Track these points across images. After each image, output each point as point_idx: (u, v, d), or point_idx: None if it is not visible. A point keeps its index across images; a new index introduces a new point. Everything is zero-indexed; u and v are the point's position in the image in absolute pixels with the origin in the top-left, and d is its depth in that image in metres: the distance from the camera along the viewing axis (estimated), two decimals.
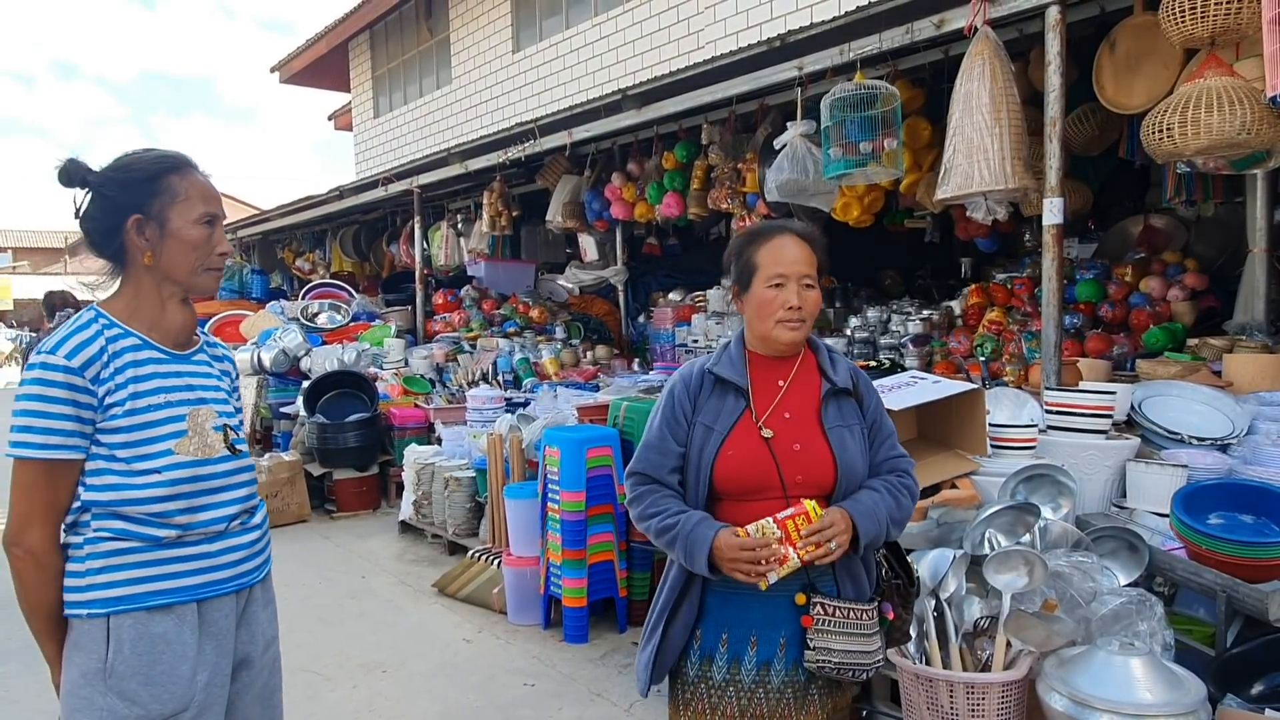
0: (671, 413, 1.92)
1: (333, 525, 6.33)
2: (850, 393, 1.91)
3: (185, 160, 1.73)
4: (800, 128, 4.30)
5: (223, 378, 1.86)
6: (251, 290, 11.82)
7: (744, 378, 1.89)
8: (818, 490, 1.82)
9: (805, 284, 1.84)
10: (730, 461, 1.83)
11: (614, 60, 9.29)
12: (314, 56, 14.51)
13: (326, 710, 3.42)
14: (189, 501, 1.69)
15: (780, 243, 1.87)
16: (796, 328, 1.85)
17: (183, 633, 1.68)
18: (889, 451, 1.93)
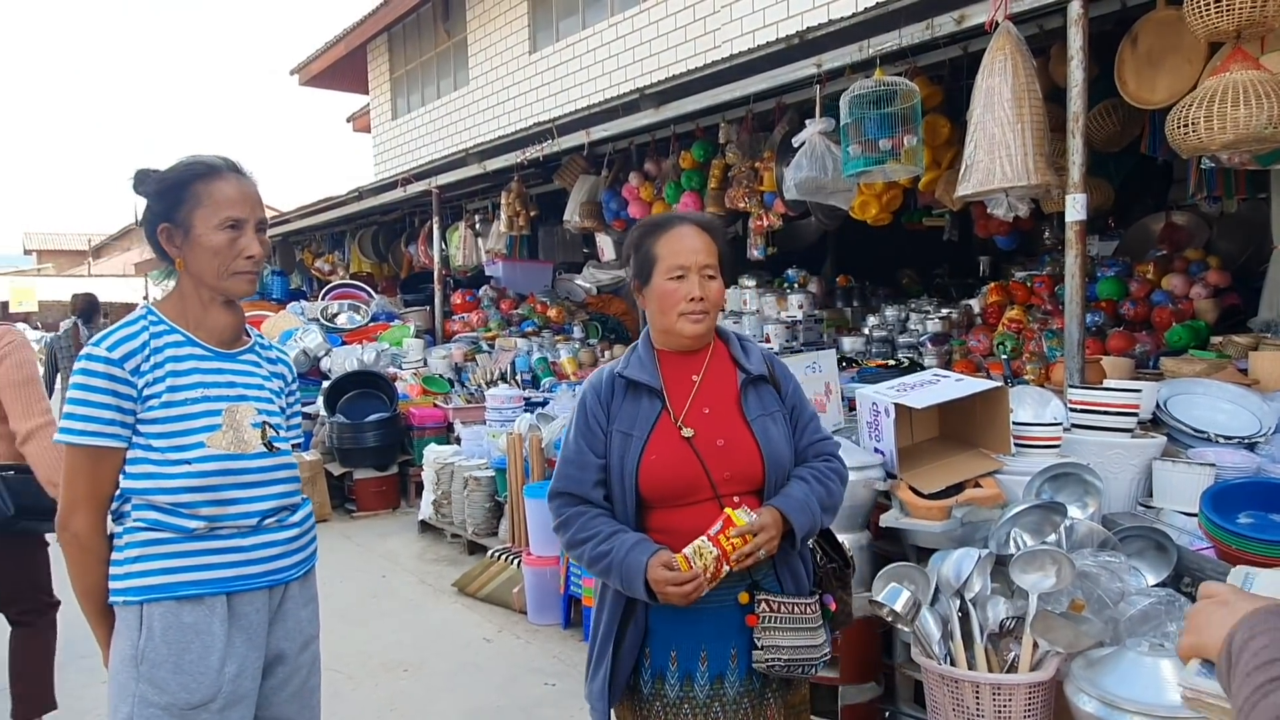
0: (585, 424, 1.84)
1: (353, 524, 6.37)
2: (767, 379, 1.87)
3: (215, 166, 1.75)
4: (819, 125, 4.28)
5: (272, 378, 1.90)
6: (272, 291, 11.90)
7: (656, 377, 1.83)
8: (748, 485, 1.78)
9: (707, 274, 1.80)
10: (654, 467, 1.76)
11: (630, 60, 9.30)
12: (333, 59, 14.61)
13: (350, 709, 3.44)
14: (217, 494, 1.72)
15: (679, 233, 1.82)
16: (700, 319, 1.80)
17: (212, 624, 1.71)
18: (813, 435, 1.89)
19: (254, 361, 1.87)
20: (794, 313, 5.50)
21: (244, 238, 1.74)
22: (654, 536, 1.77)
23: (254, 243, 1.77)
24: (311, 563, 1.93)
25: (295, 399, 2.00)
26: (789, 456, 1.83)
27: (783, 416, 1.85)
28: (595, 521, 1.77)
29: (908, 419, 3.11)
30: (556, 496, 1.83)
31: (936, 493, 2.83)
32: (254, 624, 1.77)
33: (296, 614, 1.86)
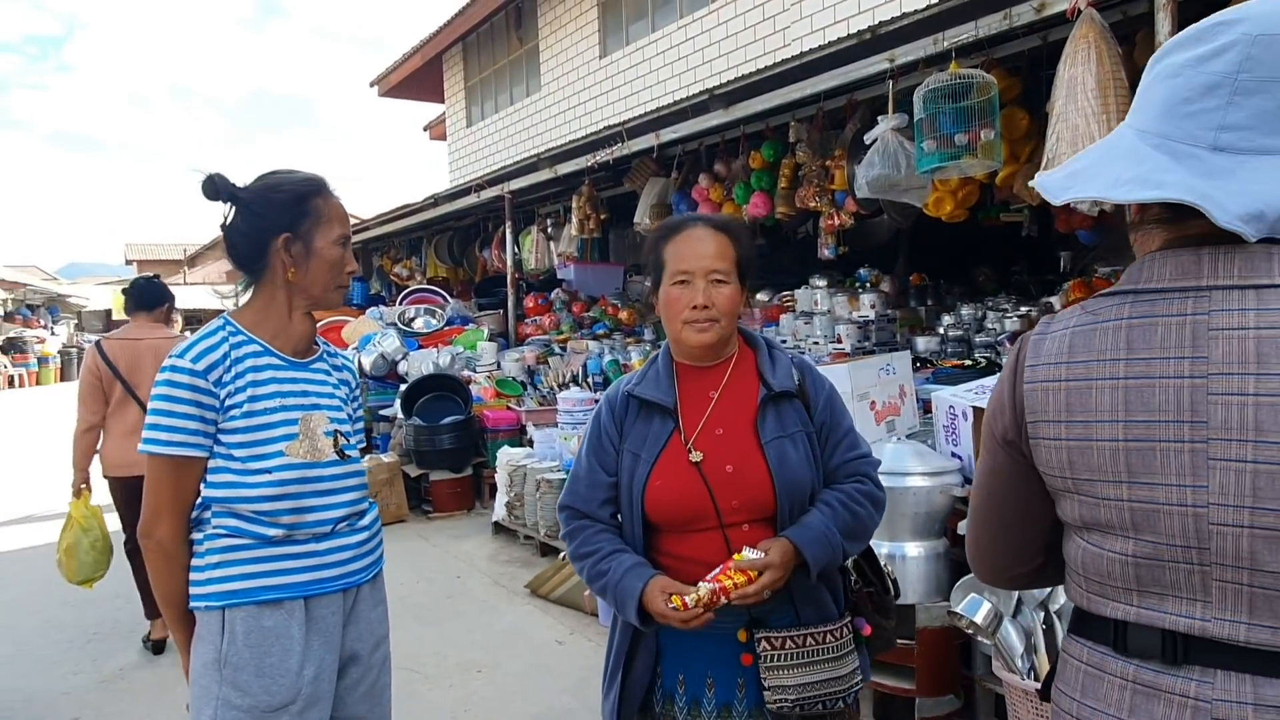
0: (598, 440, 1.78)
1: (429, 525, 6.49)
2: (793, 395, 1.73)
3: (324, 183, 1.83)
4: (891, 121, 4.18)
5: (340, 386, 1.93)
6: (352, 297, 12.23)
7: (670, 394, 1.73)
8: (758, 514, 1.66)
9: (714, 279, 1.68)
10: (659, 492, 1.67)
11: (700, 61, 9.26)
12: (410, 70, 14.95)
13: (425, 709, 3.49)
14: (296, 502, 1.76)
15: (687, 236, 1.72)
16: (705, 328, 1.68)
17: (291, 628, 1.74)
18: (846, 453, 1.75)
19: (324, 370, 1.91)
20: (866, 312, 5.39)
21: (348, 253, 1.85)
22: (661, 561, 1.70)
23: (353, 259, 1.88)
24: (380, 565, 1.96)
25: (358, 405, 2.03)
26: (810, 481, 1.69)
27: (806, 437, 1.71)
28: (598, 538, 1.72)
29: None
30: (564, 509, 1.80)
31: None
32: (330, 627, 1.80)
33: (368, 615, 1.89)
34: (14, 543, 6.35)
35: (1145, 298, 0.97)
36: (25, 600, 5.05)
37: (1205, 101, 0.92)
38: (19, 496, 8.14)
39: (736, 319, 1.75)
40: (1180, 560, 0.94)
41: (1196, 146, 0.93)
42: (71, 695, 3.71)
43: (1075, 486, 1.02)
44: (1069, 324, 1.03)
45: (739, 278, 1.73)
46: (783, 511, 1.65)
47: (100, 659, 4.05)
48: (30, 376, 22.90)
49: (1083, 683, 1.04)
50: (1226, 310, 0.91)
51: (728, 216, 1.87)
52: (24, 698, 3.72)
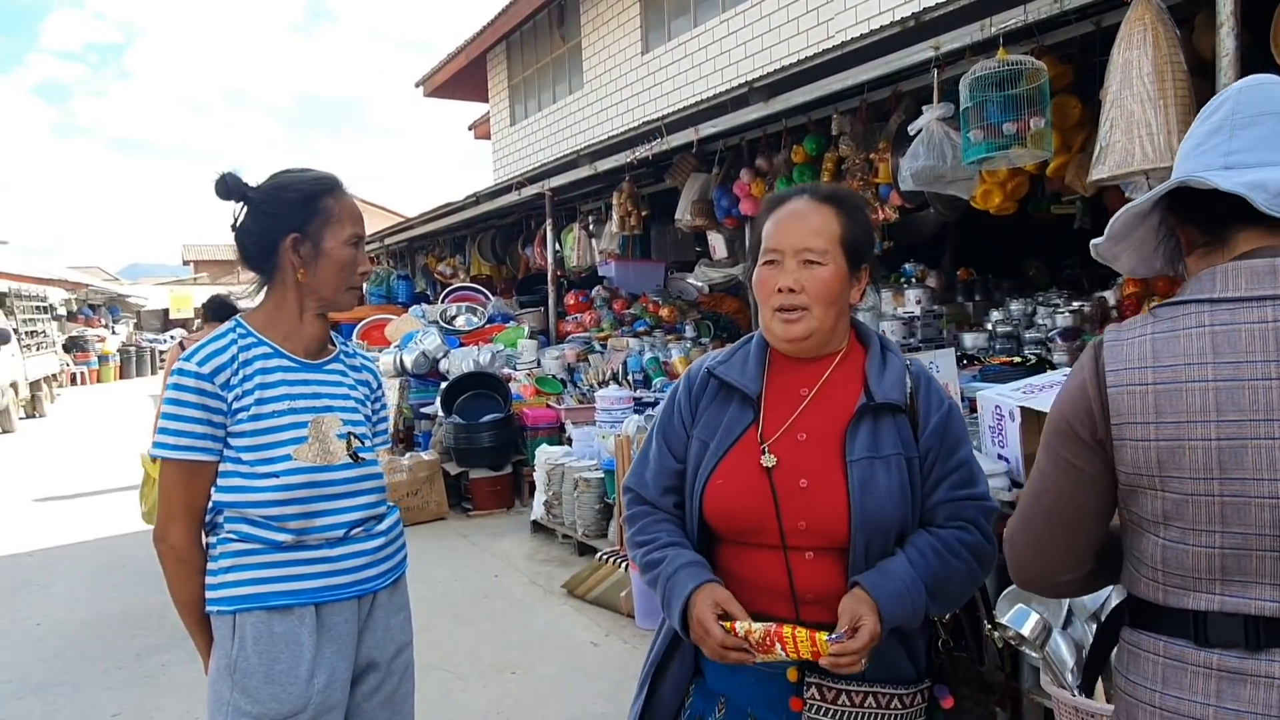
0: (669, 420, 1.59)
1: (468, 523, 6.50)
2: (900, 409, 1.45)
3: (337, 182, 1.78)
4: (937, 111, 4.05)
5: (358, 387, 1.88)
6: (397, 295, 12.36)
7: (757, 381, 1.50)
8: (827, 542, 1.41)
9: (806, 259, 1.44)
10: (720, 493, 1.46)
11: (742, 55, 9.16)
12: (454, 70, 15.07)
13: (459, 710, 3.47)
14: (305, 506, 1.72)
15: (784, 210, 1.49)
16: (794, 318, 1.44)
17: (301, 634, 1.70)
18: (953, 491, 1.44)
19: (340, 371, 1.86)
20: (911, 308, 5.25)
21: (361, 253, 1.80)
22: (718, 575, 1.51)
23: (366, 259, 1.83)
24: (400, 570, 1.91)
25: (381, 405, 1.97)
26: (899, 517, 1.41)
27: (905, 462, 1.43)
28: (657, 526, 1.55)
29: (1035, 423, 2.88)
30: (626, 490, 1.63)
31: None
32: (343, 634, 1.76)
33: (386, 622, 1.85)
34: (67, 537, 6.50)
35: (1225, 306, 1.06)
36: (75, 593, 5.16)
37: (1212, 140, 1.15)
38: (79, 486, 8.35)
39: (839, 309, 1.48)
40: (1267, 549, 1.02)
41: (1210, 170, 1.11)
42: (115, 690, 3.77)
43: (1163, 485, 1.08)
44: (1145, 331, 1.11)
45: (845, 259, 1.46)
46: (856, 547, 1.39)
47: (143, 655, 4.11)
48: (91, 374, 23.60)
49: (1163, 674, 1.10)
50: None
51: (841, 189, 1.58)
52: (70, 690, 3.78)
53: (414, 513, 6.38)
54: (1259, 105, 1.14)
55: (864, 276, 1.52)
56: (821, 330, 1.46)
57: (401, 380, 7.80)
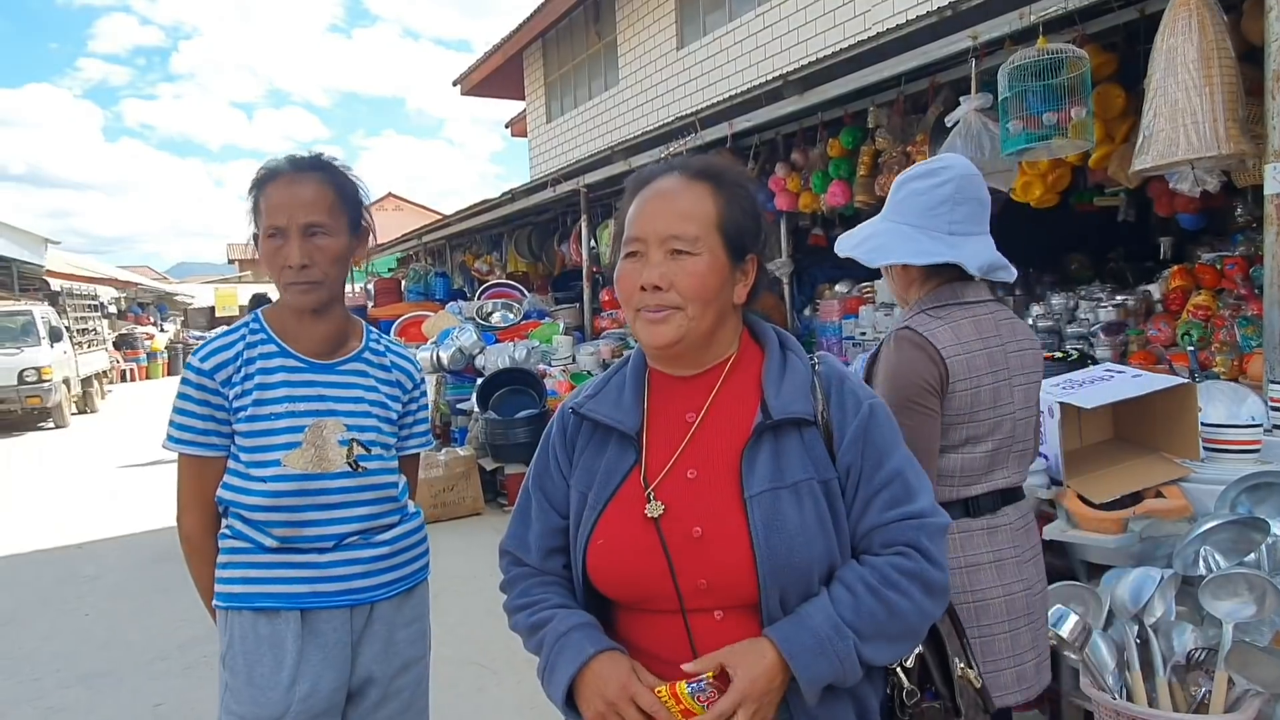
0: (545, 466, 1.33)
1: (504, 518, 6.49)
2: (809, 422, 1.20)
3: (274, 170, 1.67)
4: (975, 102, 3.98)
5: (382, 387, 1.77)
6: (435, 292, 12.47)
7: (633, 413, 1.25)
8: (734, 599, 1.16)
9: (674, 248, 1.18)
10: (602, 555, 1.22)
11: (777, 49, 9.09)
12: (491, 68, 15.16)
13: (492, 703, 3.49)
14: (292, 515, 1.65)
15: (649, 191, 1.23)
16: (658, 317, 1.18)
17: (285, 639, 1.66)
18: (885, 512, 1.18)
19: (358, 371, 1.75)
20: None
21: (286, 247, 1.62)
22: None
23: (295, 251, 1.61)
24: (413, 581, 1.80)
25: (419, 404, 1.87)
26: (820, 555, 1.16)
27: (815, 487, 1.17)
28: (544, 589, 1.28)
29: (1076, 419, 2.82)
30: (504, 555, 1.36)
31: (1110, 502, 2.54)
32: (332, 643, 1.68)
33: (390, 636, 1.75)
34: (116, 530, 6.66)
35: (968, 306, 1.81)
36: (124, 585, 5.28)
37: (941, 209, 1.78)
38: (128, 480, 8.56)
39: (719, 308, 1.22)
40: (1009, 449, 1.80)
41: (939, 232, 1.78)
42: (158, 681, 3.85)
43: (970, 417, 1.77)
44: (942, 323, 1.77)
45: (725, 247, 1.21)
46: (769, 600, 1.14)
47: (186, 646, 4.19)
48: (140, 371, 24.18)
49: (960, 542, 1.78)
50: (990, 310, 1.82)
51: (718, 161, 1.30)
52: (115, 681, 3.87)
53: (450, 508, 6.44)
54: (969, 192, 1.80)
55: (750, 269, 1.25)
56: (697, 333, 1.20)
57: (438, 376, 7.87)
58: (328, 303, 1.69)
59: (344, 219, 1.68)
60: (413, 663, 1.79)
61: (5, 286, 19.17)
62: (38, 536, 6.56)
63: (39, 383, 12.98)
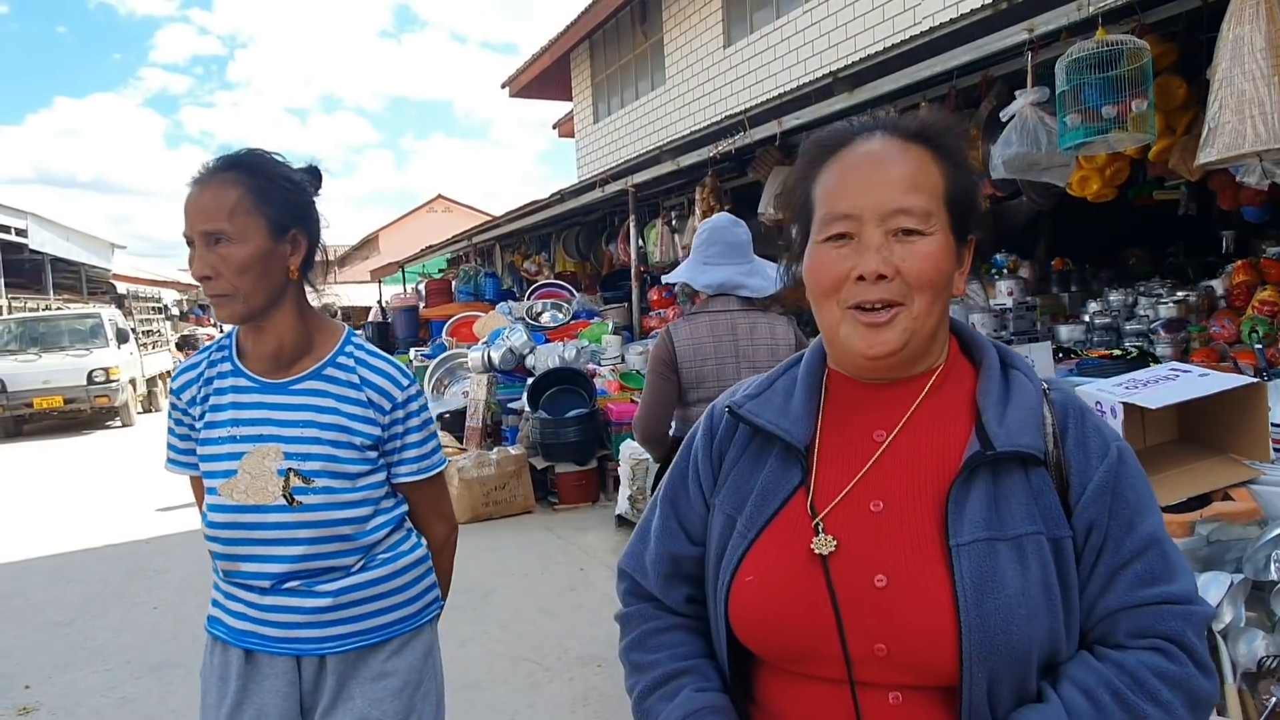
0: (681, 482, 1.11)
1: (554, 516, 6.60)
2: (1038, 460, 0.93)
3: (197, 175, 1.50)
4: (1031, 96, 3.90)
5: (343, 407, 1.54)
6: (484, 292, 12.62)
7: (804, 423, 1.01)
8: (921, 678, 0.90)
9: (896, 228, 0.93)
10: (750, 596, 0.97)
11: (825, 45, 9.01)
12: (538, 70, 15.28)
13: (546, 700, 3.53)
14: (227, 548, 1.54)
15: (853, 155, 0.97)
16: (882, 319, 0.94)
17: (230, 676, 1.56)
18: (1135, 591, 0.91)
19: (313, 390, 1.55)
20: (1003, 300, 5.08)
21: (194, 256, 1.47)
22: (751, 713, 1.02)
23: (197, 261, 1.46)
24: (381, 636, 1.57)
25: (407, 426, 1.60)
26: (1044, 635, 0.89)
27: (1044, 545, 0.90)
28: (659, 639, 1.07)
29: (1139, 419, 2.76)
30: (622, 576, 1.16)
31: (1176, 505, 2.48)
32: (272, 690, 1.53)
33: (344, 692, 1.55)
34: (182, 526, 6.87)
35: (709, 315, 2.81)
36: (190, 580, 5.45)
37: (700, 249, 2.86)
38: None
39: (945, 304, 0.98)
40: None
41: (698, 263, 2.85)
42: None
43: (696, 385, 2.75)
44: (685, 323, 2.80)
45: (951, 225, 0.96)
46: (973, 688, 0.86)
47: None
48: None
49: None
50: (729, 314, 2.82)
51: (934, 118, 1.02)
52: (184, 672, 4.00)
53: (501, 506, 6.53)
54: (717, 236, 2.82)
55: (969, 256, 1.01)
56: (922, 335, 0.95)
57: (489, 376, 7.97)
58: (250, 316, 1.50)
59: (258, 221, 1.46)
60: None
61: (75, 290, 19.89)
62: (108, 531, 6.80)
63: (107, 383, 13.43)
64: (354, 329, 1.70)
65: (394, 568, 1.58)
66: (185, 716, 3.54)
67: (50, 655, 4.27)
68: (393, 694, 1.56)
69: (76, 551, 6.28)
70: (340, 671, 1.55)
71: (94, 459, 10.98)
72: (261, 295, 1.49)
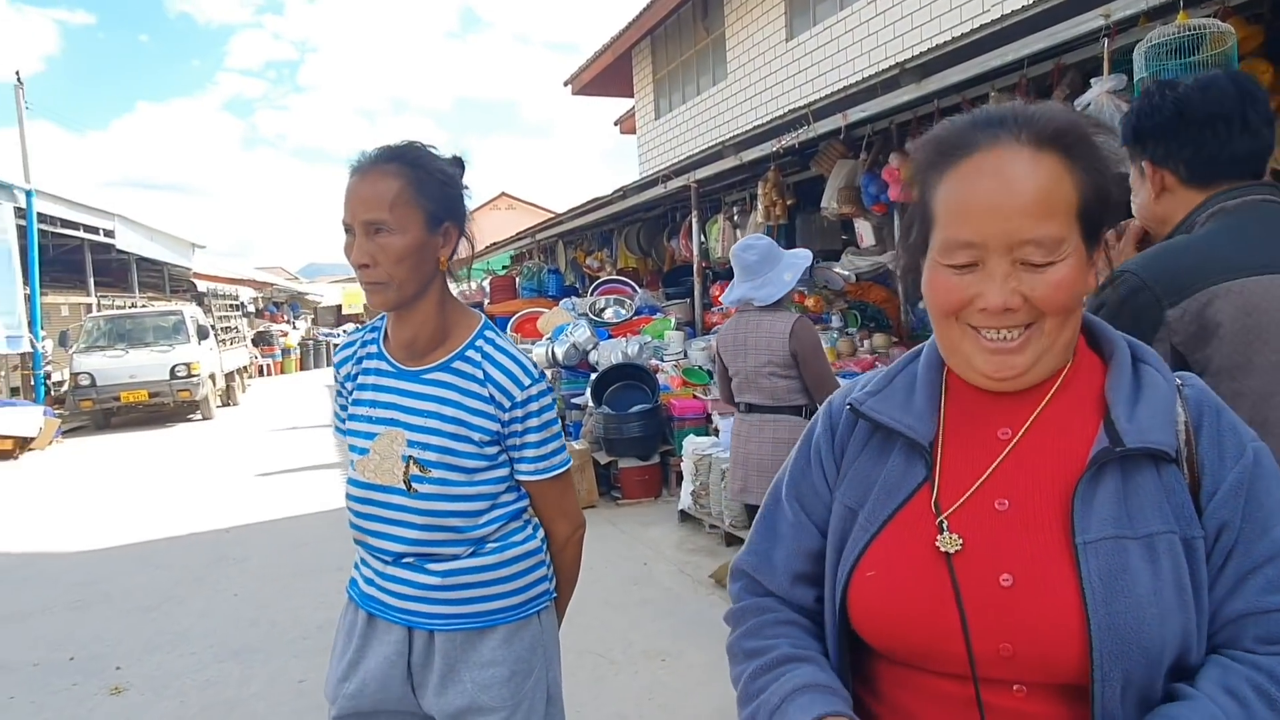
0: (804, 470, 1.09)
1: (618, 511, 6.65)
2: (1168, 457, 0.90)
3: (355, 163, 1.55)
4: (1107, 84, 3.79)
5: (466, 400, 1.57)
6: (548, 288, 12.76)
7: (927, 420, 1.00)
8: (1046, 676, 0.88)
9: (1027, 260, 0.88)
10: (871, 590, 0.96)
11: (890, 36, 8.87)
12: (600, 67, 15.36)
13: (611, 694, 3.58)
14: (359, 520, 1.65)
15: (977, 167, 0.90)
16: (1010, 346, 0.91)
17: (353, 632, 1.66)
18: (1266, 597, 0.88)
19: (442, 382, 1.59)
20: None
21: (354, 244, 1.52)
22: (870, 706, 1.01)
23: (356, 249, 1.51)
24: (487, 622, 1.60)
25: (526, 425, 1.61)
26: (1174, 637, 0.86)
27: (1176, 544, 0.88)
28: (776, 630, 1.04)
29: None
30: (738, 576, 1.13)
31: None
32: (385, 655, 1.62)
33: (452, 673, 1.60)
34: (260, 515, 7.12)
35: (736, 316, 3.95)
36: (268, 568, 5.65)
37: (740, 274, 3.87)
38: (270, 468, 9.14)
39: (1077, 318, 0.95)
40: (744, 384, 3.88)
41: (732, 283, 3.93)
42: (301, 659, 4.11)
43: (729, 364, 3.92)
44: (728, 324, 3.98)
45: (1083, 237, 0.91)
46: (1106, 687, 0.85)
47: (325, 626, 4.44)
48: (276, 366, 25.68)
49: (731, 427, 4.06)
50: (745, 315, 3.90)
51: (1062, 113, 0.92)
52: (263, 657, 4.16)
53: None
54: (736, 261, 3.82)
55: (1103, 248, 0.96)
56: (1052, 353, 0.93)
57: (553, 371, 8.06)
58: (400, 304, 1.55)
59: (416, 214, 1.51)
60: (482, 711, 1.59)
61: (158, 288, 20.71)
62: (190, 520, 7.09)
63: (188, 378, 13.98)
64: None
65: (502, 557, 1.61)
66: (264, 700, 3.68)
67: (139, 638, 4.48)
68: (501, 681, 1.59)
69: (162, 540, 6.56)
70: (448, 652, 1.59)
71: (176, 451, 11.43)
72: (413, 285, 1.54)
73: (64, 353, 14.55)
